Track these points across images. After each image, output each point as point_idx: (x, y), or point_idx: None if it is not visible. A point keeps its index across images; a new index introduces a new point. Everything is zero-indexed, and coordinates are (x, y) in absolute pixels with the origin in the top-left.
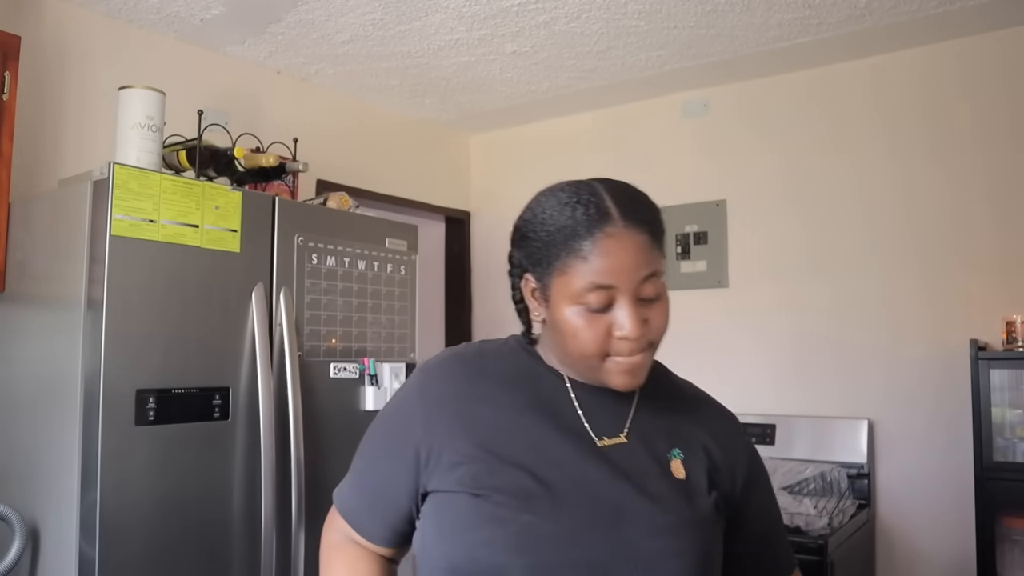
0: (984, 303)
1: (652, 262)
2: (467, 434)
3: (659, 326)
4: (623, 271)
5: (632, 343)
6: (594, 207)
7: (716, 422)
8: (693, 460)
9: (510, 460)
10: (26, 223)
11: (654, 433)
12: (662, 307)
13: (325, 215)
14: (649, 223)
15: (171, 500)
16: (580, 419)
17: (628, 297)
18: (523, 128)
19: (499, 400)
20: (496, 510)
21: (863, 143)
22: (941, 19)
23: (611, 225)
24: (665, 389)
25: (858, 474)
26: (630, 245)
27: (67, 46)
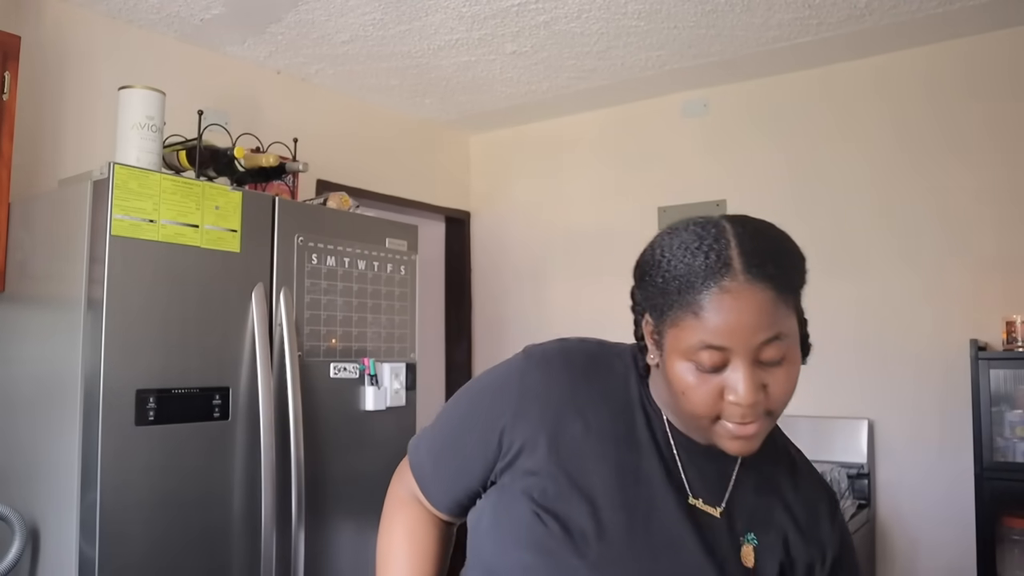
0: (984, 303)
1: (776, 324)
2: (550, 445)
3: (779, 394)
4: (739, 332)
5: (744, 409)
6: (715, 255)
7: (809, 508)
8: (767, 551)
9: (582, 489)
10: (26, 223)
11: (737, 510)
12: (786, 373)
13: (325, 215)
14: (777, 277)
15: (171, 500)
16: (677, 469)
17: (744, 360)
18: (523, 128)
19: (592, 421)
20: (548, 539)
21: (863, 143)
22: (941, 19)
23: (730, 278)
24: (769, 456)
25: (858, 474)
26: (750, 303)
27: (67, 46)
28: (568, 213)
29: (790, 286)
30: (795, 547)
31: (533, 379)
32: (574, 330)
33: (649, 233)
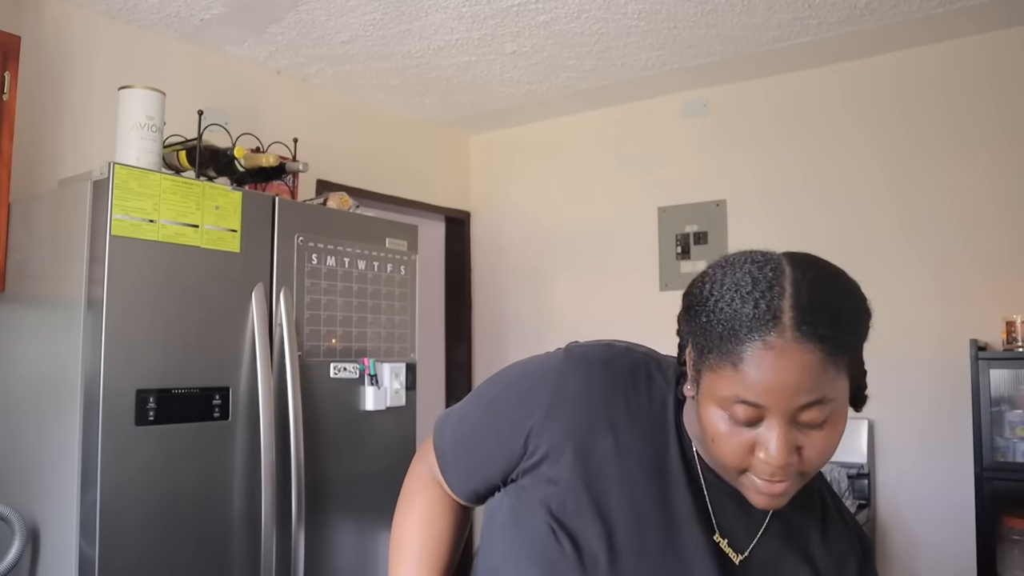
0: (984, 303)
1: (820, 388)
2: (576, 457)
3: (814, 458)
4: (778, 393)
5: (774, 469)
6: (765, 304)
7: (836, 563)
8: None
9: (602, 509)
10: (26, 223)
11: (760, 559)
12: (825, 438)
13: (325, 215)
14: (830, 339)
15: (171, 500)
16: (705, 505)
17: (780, 420)
18: (523, 128)
19: (624, 439)
20: (559, 558)
21: (863, 143)
22: (941, 19)
23: (776, 334)
24: (801, 506)
25: (858, 474)
26: (793, 364)
27: (67, 46)
28: (568, 213)
29: (844, 347)
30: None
31: (570, 383)
32: (574, 330)
33: (649, 233)
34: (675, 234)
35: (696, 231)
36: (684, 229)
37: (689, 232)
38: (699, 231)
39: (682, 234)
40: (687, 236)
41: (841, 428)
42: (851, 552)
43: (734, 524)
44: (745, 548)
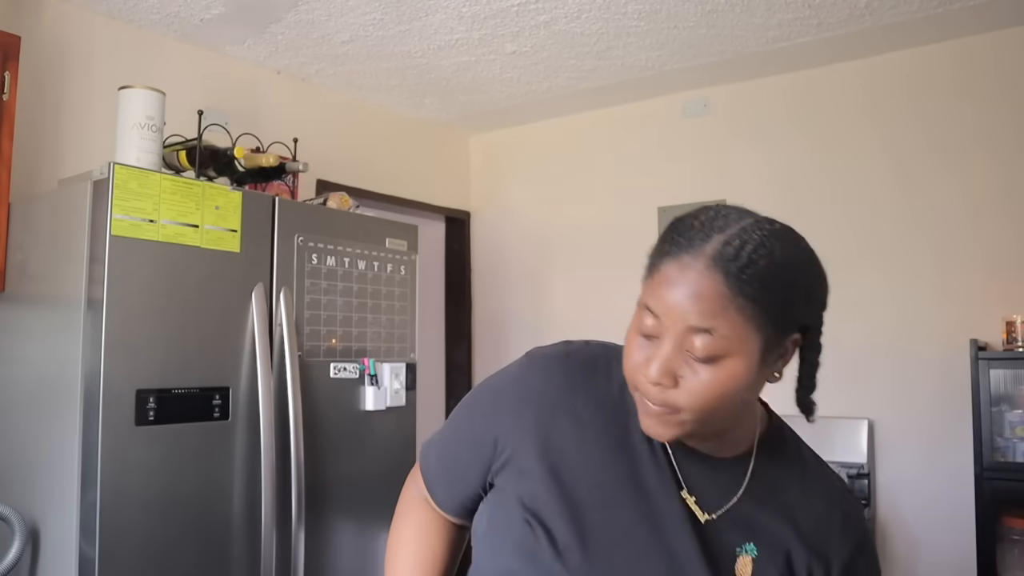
0: (984, 303)
1: (712, 318)
2: (542, 448)
3: (690, 395)
4: (669, 306)
5: (647, 386)
6: (704, 232)
7: (821, 520)
8: (767, 562)
9: (565, 488)
10: (26, 223)
11: (738, 520)
12: (707, 378)
13: (325, 215)
14: (744, 281)
15: (171, 500)
16: (675, 474)
17: (669, 339)
18: (523, 128)
19: (588, 424)
20: (535, 545)
21: (863, 143)
22: (942, 19)
23: (692, 255)
24: (779, 474)
25: (858, 474)
26: (695, 284)
27: (67, 46)
28: (568, 213)
29: (754, 298)
30: (797, 561)
31: (531, 382)
32: (574, 330)
33: (649, 233)
34: None
35: None
36: None
37: None
38: None
39: None
40: None
41: (730, 382)
42: (833, 508)
43: (706, 486)
44: (719, 509)
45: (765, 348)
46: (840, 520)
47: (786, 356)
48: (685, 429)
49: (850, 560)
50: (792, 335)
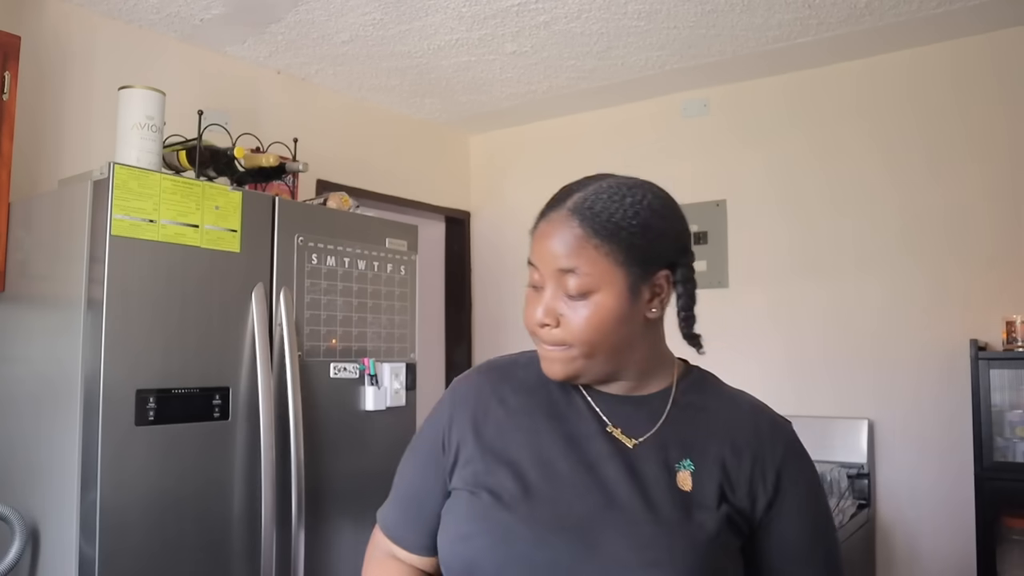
0: (984, 303)
1: (576, 258)
2: (477, 434)
3: (571, 328)
4: (543, 255)
5: (535, 327)
6: (564, 193)
7: (748, 429)
8: (704, 474)
9: (504, 459)
10: (26, 223)
11: (670, 439)
12: (585, 312)
13: (325, 215)
14: (600, 224)
15: (171, 500)
16: (590, 420)
17: (547, 283)
18: (523, 128)
19: (512, 403)
20: (482, 508)
21: (864, 143)
22: (942, 19)
23: (555, 211)
24: (701, 394)
25: (858, 474)
26: (558, 232)
27: (67, 46)
28: None
29: (610, 236)
30: (733, 468)
31: (459, 391)
32: None
33: None
34: None
35: (696, 231)
36: None
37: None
38: (699, 231)
39: None
40: None
41: (601, 314)
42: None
43: (630, 419)
44: (646, 434)
45: (631, 283)
46: (768, 426)
47: (661, 294)
48: (577, 364)
49: (783, 462)
50: (660, 271)
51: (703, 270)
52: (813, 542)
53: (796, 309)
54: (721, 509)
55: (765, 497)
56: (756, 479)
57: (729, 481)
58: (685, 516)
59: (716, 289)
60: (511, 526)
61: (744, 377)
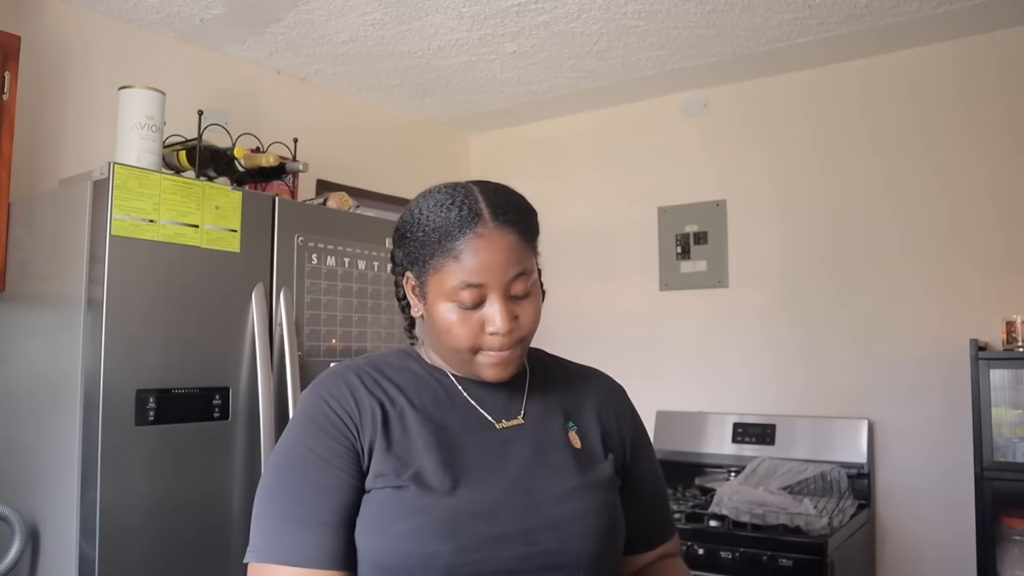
0: (984, 303)
1: (522, 261)
2: (383, 433)
3: (528, 323)
4: (492, 270)
5: (502, 338)
6: (467, 208)
7: (604, 393)
8: (587, 430)
9: (422, 454)
10: (26, 223)
11: (548, 411)
12: (532, 305)
13: (325, 215)
14: (519, 223)
15: (171, 500)
16: (477, 410)
17: (498, 295)
18: (523, 128)
19: (401, 402)
20: (418, 500)
21: (863, 143)
22: (942, 19)
23: (482, 226)
24: (553, 372)
25: (858, 474)
26: (499, 245)
27: (67, 46)
28: (568, 213)
29: (529, 232)
30: (606, 421)
31: (338, 393)
32: (574, 329)
33: (649, 233)
34: (675, 234)
35: (696, 231)
36: (684, 229)
37: (689, 232)
38: (699, 231)
39: (682, 234)
40: (687, 236)
41: (540, 300)
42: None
43: (505, 406)
44: (519, 414)
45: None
46: (619, 396)
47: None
48: (520, 360)
49: (636, 429)
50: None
51: (703, 270)
52: (658, 483)
53: (796, 309)
54: (608, 458)
55: (630, 442)
56: (624, 428)
57: (607, 432)
58: (588, 468)
59: (716, 289)
60: (461, 508)
61: (744, 377)
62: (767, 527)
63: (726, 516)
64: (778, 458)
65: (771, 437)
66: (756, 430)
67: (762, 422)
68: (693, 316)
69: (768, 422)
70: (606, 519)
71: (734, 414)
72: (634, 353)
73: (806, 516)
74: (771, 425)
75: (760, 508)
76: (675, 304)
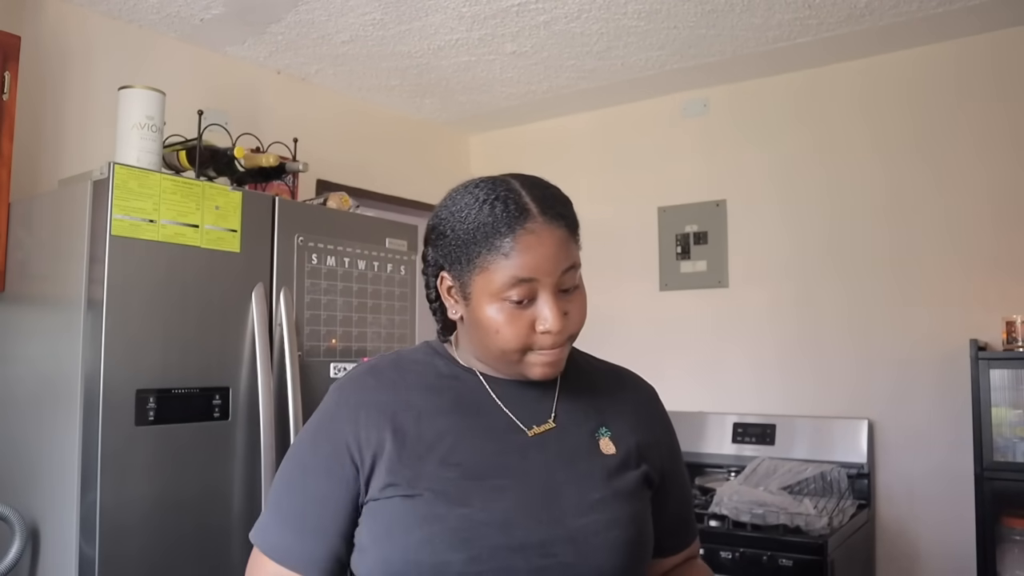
0: (984, 303)
1: (571, 255)
2: (394, 441)
3: (578, 318)
4: (544, 265)
5: (554, 336)
6: (513, 203)
7: (641, 398)
8: (621, 436)
9: (438, 462)
10: (26, 223)
11: (580, 415)
12: (580, 299)
13: (325, 215)
14: (566, 217)
15: (171, 500)
16: (504, 412)
17: (549, 291)
18: (523, 128)
19: (420, 406)
20: (431, 509)
21: (863, 143)
22: (942, 19)
23: (531, 221)
24: (585, 373)
25: (858, 474)
26: (550, 239)
27: (67, 46)
28: None
29: (574, 225)
30: (640, 427)
31: (354, 398)
32: None
33: (649, 233)
34: (675, 234)
35: (696, 231)
36: (684, 229)
37: (689, 232)
38: (699, 231)
39: (682, 234)
40: (687, 236)
41: (585, 293)
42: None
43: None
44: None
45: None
46: (647, 388)
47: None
48: (566, 357)
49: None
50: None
51: (703, 270)
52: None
53: (796, 309)
54: (642, 467)
55: (662, 451)
56: (659, 435)
57: (644, 441)
58: (617, 477)
59: (716, 289)
60: (474, 517)
61: (744, 378)
62: (767, 527)
63: (726, 516)
64: (778, 458)
65: (771, 437)
66: (756, 430)
67: (762, 422)
68: (693, 316)
69: (768, 422)
70: (632, 531)
71: (734, 414)
72: (634, 353)
73: (806, 516)
74: (771, 425)
75: (760, 508)
76: (675, 304)
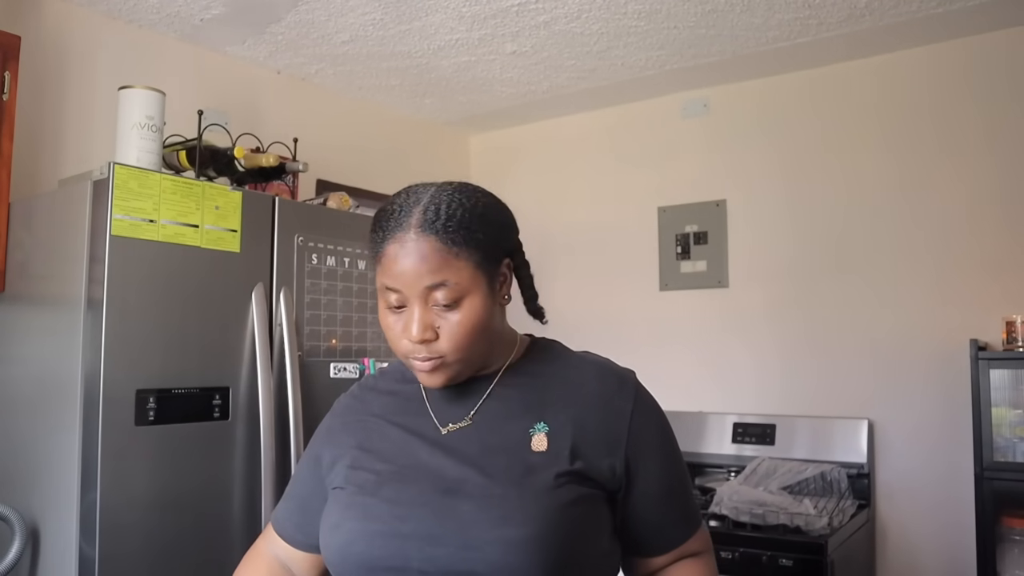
0: (984, 303)
1: (442, 272)
2: (351, 440)
3: (450, 338)
4: (405, 277)
5: (415, 347)
6: (401, 212)
7: (596, 391)
8: (558, 433)
9: (367, 458)
10: (26, 223)
11: (512, 412)
12: (460, 320)
13: (325, 215)
14: (451, 233)
15: (171, 500)
16: (428, 413)
17: (415, 301)
18: (523, 128)
19: (374, 410)
20: (347, 497)
21: (863, 143)
22: (941, 19)
23: (404, 232)
24: (543, 369)
25: (858, 474)
26: (416, 252)
27: (67, 46)
28: (568, 213)
29: (464, 241)
30: (588, 424)
31: (339, 405)
32: (574, 329)
33: (649, 233)
34: (675, 234)
35: (696, 231)
36: (684, 229)
37: (689, 232)
38: (699, 231)
39: (682, 234)
40: (687, 236)
41: (474, 316)
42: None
43: (457, 411)
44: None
45: (489, 280)
46: (615, 380)
47: (506, 282)
48: (456, 369)
49: (634, 411)
50: (504, 262)
51: (703, 270)
52: (669, 485)
53: (796, 309)
54: (576, 464)
55: (622, 448)
56: (612, 431)
57: (584, 437)
58: (535, 475)
59: (716, 289)
60: (375, 506)
61: (744, 377)
62: (767, 527)
63: (726, 516)
64: (778, 458)
65: (771, 437)
66: (756, 430)
67: (762, 422)
68: (693, 316)
69: (768, 422)
70: (534, 528)
71: (734, 414)
72: (634, 353)
73: (806, 516)
74: (771, 425)
75: (760, 508)
76: (675, 304)
